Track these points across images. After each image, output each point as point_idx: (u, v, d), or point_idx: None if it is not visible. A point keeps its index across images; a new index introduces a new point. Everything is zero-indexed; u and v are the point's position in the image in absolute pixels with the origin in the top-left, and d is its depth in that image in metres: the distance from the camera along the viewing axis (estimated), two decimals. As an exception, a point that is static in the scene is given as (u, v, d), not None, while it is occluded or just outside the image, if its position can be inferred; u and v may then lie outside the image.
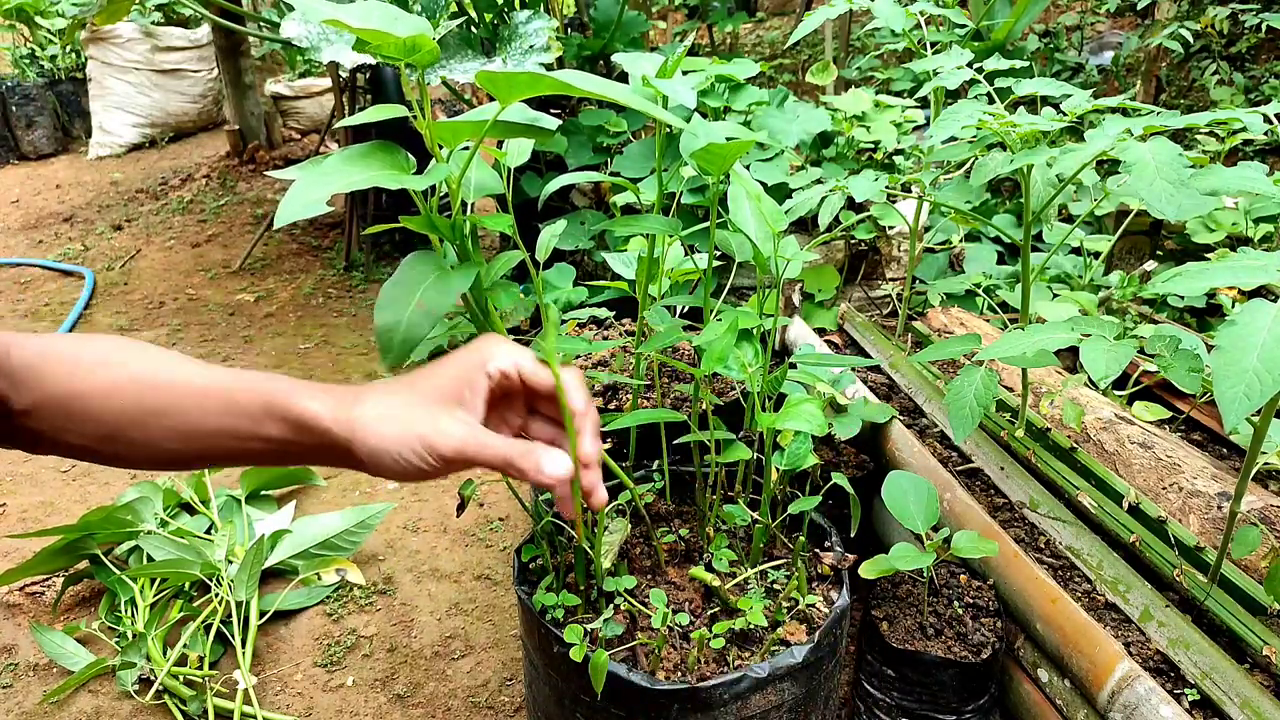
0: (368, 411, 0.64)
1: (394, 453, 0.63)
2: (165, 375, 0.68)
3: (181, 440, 0.68)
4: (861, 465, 1.54)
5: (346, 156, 0.69)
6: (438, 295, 0.72)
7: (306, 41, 2.41)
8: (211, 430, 0.67)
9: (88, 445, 0.68)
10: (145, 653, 1.52)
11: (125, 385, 0.67)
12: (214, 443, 0.67)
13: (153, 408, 0.67)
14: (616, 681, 0.93)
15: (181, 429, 0.67)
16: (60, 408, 0.67)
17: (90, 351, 0.69)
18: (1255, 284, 0.85)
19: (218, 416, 0.67)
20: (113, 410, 0.67)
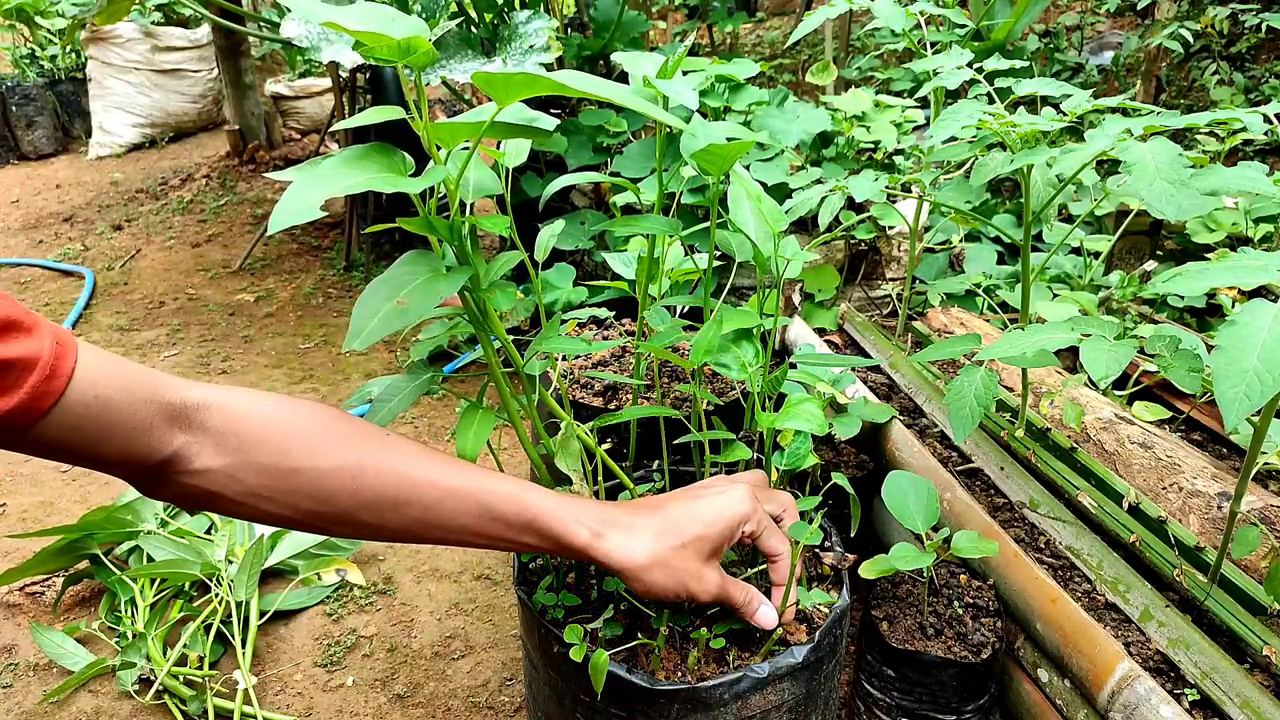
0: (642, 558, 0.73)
1: (659, 595, 0.75)
2: (407, 466, 0.70)
3: (421, 529, 0.71)
4: (861, 465, 1.54)
5: (343, 159, 0.69)
6: (422, 297, 0.72)
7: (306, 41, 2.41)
8: (459, 526, 0.71)
9: (291, 517, 0.69)
10: (145, 653, 1.53)
11: (357, 469, 0.68)
12: (457, 536, 0.71)
13: (392, 497, 0.69)
14: (616, 681, 0.93)
15: (425, 520, 0.70)
16: (268, 477, 0.67)
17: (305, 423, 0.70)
18: (1255, 284, 0.85)
19: (470, 518, 0.70)
20: (339, 491, 0.68)
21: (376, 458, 0.69)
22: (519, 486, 0.72)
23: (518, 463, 2.15)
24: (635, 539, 0.73)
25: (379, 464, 0.69)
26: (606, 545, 0.72)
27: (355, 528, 0.70)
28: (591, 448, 1.00)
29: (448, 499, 0.70)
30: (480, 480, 0.71)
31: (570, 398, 1.48)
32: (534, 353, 0.93)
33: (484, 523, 0.71)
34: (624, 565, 0.72)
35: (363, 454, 0.69)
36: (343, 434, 0.70)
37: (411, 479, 0.69)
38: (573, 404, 1.47)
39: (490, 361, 0.91)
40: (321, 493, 0.68)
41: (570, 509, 0.72)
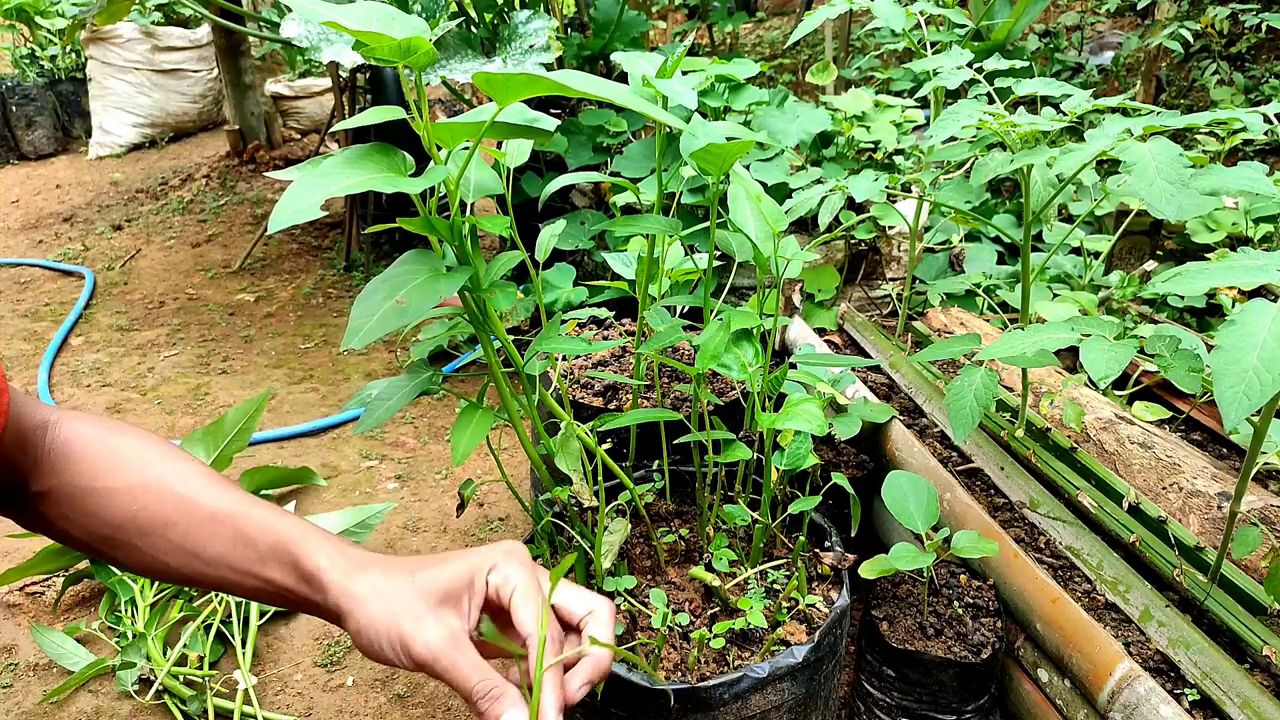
0: (364, 589, 0.62)
1: (373, 640, 0.61)
2: (183, 487, 0.67)
3: (182, 557, 0.66)
4: (861, 465, 1.54)
5: (343, 159, 0.69)
6: (421, 296, 0.72)
7: (306, 41, 2.41)
8: (214, 556, 0.66)
9: (85, 540, 0.67)
10: (145, 653, 1.53)
11: (142, 489, 0.66)
12: (212, 570, 0.66)
13: (162, 518, 0.66)
14: (616, 681, 0.93)
15: (185, 546, 0.66)
16: (73, 499, 0.66)
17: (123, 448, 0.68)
18: (1255, 284, 0.85)
19: (225, 543, 0.66)
20: (123, 513, 0.66)
21: (162, 479, 0.67)
22: (282, 519, 0.67)
23: (518, 462, 2.15)
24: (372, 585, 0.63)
25: (161, 485, 0.67)
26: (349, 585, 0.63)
27: (133, 554, 0.67)
28: (591, 448, 1.00)
29: (208, 523, 0.66)
30: (246, 507, 0.67)
31: (570, 398, 1.48)
32: (534, 353, 0.93)
33: (236, 550, 0.66)
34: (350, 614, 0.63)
35: (149, 476, 0.67)
36: (144, 460, 0.68)
37: (182, 499, 0.67)
38: (573, 404, 1.47)
39: (490, 361, 0.91)
40: (114, 515, 0.66)
41: (321, 540, 0.65)
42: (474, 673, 0.60)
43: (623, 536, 1.06)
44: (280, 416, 2.49)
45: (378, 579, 0.63)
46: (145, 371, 2.81)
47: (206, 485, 0.68)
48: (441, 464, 2.23)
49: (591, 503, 1.01)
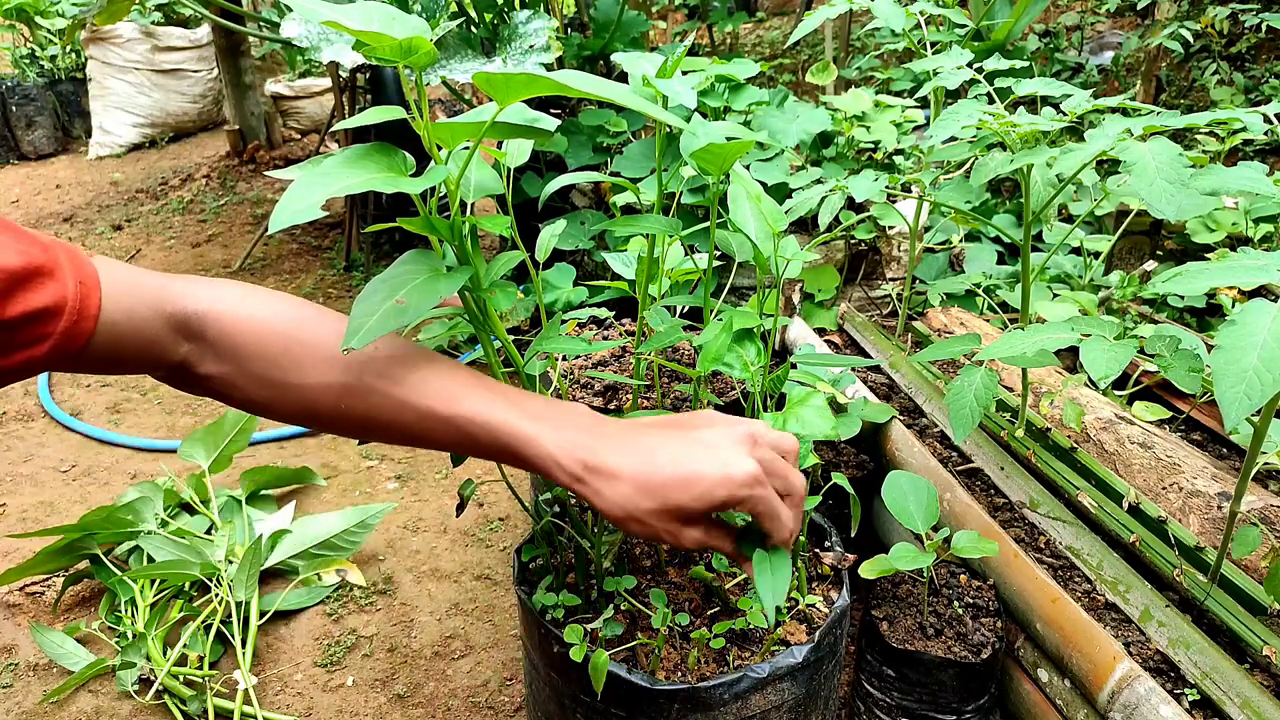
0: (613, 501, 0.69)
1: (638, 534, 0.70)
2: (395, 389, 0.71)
3: (403, 440, 0.73)
4: (861, 465, 1.54)
5: (344, 159, 0.69)
6: (421, 296, 0.72)
7: (306, 41, 2.41)
8: (440, 446, 0.73)
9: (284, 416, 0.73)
10: (145, 653, 1.53)
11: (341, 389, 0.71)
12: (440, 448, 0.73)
13: (378, 421, 0.72)
14: (617, 681, 0.93)
15: (407, 437, 0.72)
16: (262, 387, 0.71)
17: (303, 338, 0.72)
18: (1255, 284, 0.85)
19: (450, 443, 0.72)
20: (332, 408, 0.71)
21: (361, 379, 0.71)
22: (502, 411, 0.71)
23: (518, 463, 2.15)
24: (615, 489, 0.69)
25: (364, 385, 0.71)
26: (585, 490, 0.69)
27: (344, 431, 0.74)
28: (592, 448, 1.00)
29: (428, 422, 0.71)
30: (460, 404, 0.71)
31: (570, 398, 1.48)
32: (534, 352, 0.93)
33: (463, 445, 0.72)
34: (601, 510, 0.70)
35: (348, 375, 0.71)
36: (331, 351, 0.72)
37: (393, 402, 0.71)
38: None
39: (490, 361, 0.91)
40: (309, 405, 0.72)
41: (551, 444, 0.70)
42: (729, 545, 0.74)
43: (622, 536, 1.06)
44: (280, 416, 2.49)
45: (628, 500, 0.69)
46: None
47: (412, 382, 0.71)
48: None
49: (591, 503, 1.01)
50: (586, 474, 0.69)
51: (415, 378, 0.72)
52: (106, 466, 2.28)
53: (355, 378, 0.71)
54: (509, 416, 0.71)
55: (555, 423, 0.71)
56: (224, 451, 1.95)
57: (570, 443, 0.70)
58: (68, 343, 0.64)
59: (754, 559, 0.74)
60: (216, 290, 0.74)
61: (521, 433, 0.70)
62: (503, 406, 0.71)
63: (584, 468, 0.69)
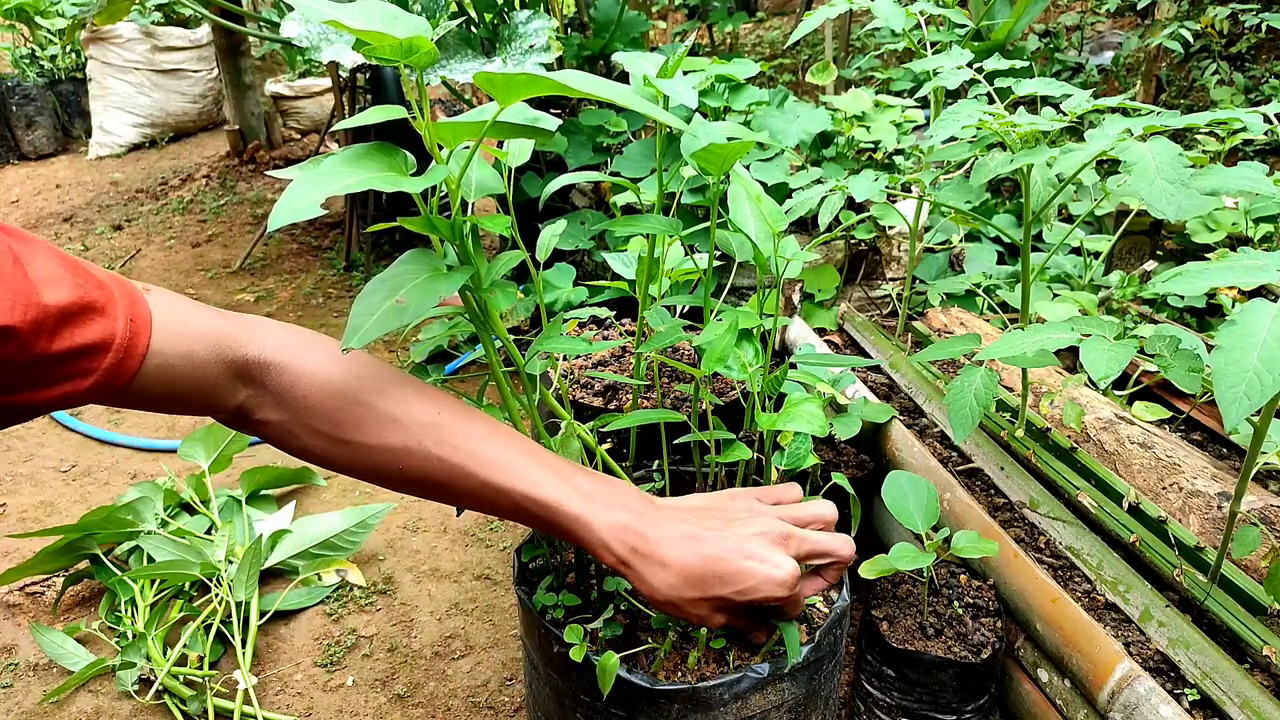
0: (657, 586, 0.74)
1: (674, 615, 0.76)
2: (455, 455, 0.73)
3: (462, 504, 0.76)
4: (861, 465, 1.54)
5: (344, 158, 0.69)
6: (421, 296, 0.72)
7: (306, 41, 2.41)
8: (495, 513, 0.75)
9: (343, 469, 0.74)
10: (145, 653, 1.53)
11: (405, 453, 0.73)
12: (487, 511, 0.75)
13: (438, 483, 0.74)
14: (617, 681, 0.93)
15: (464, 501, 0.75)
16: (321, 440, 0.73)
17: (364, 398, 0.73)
18: (1255, 284, 0.85)
19: (506, 512, 0.75)
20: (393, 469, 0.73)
21: (422, 444, 0.72)
22: (554, 489, 0.73)
23: (518, 463, 2.15)
24: (661, 577, 0.74)
25: (425, 449, 0.72)
26: (631, 574, 0.74)
27: (408, 490, 0.75)
28: (592, 447, 1.00)
29: (485, 491, 0.73)
30: (516, 479, 0.73)
31: (570, 397, 1.48)
32: (535, 352, 0.93)
33: (519, 516, 0.75)
34: (644, 592, 0.74)
35: (409, 438, 0.72)
36: (393, 414, 0.73)
37: (451, 468, 0.73)
38: (573, 404, 1.47)
39: (491, 361, 0.91)
40: (369, 465, 0.73)
41: (603, 529, 0.73)
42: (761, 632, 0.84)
43: (623, 536, 1.06)
44: (280, 416, 2.49)
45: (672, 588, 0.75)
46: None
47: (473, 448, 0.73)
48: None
49: (592, 502, 1.01)
50: (635, 559, 0.74)
51: (474, 447, 0.74)
52: (106, 466, 2.28)
53: (416, 442, 0.73)
54: (560, 495, 0.74)
55: (606, 503, 0.75)
56: (224, 451, 1.95)
57: (621, 527, 0.74)
58: (112, 379, 0.65)
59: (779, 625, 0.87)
60: (282, 338, 0.75)
61: (575, 514, 0.73)
62: (555, 483, 0.74)
63: (633, 552, 0.74)
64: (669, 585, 0.73)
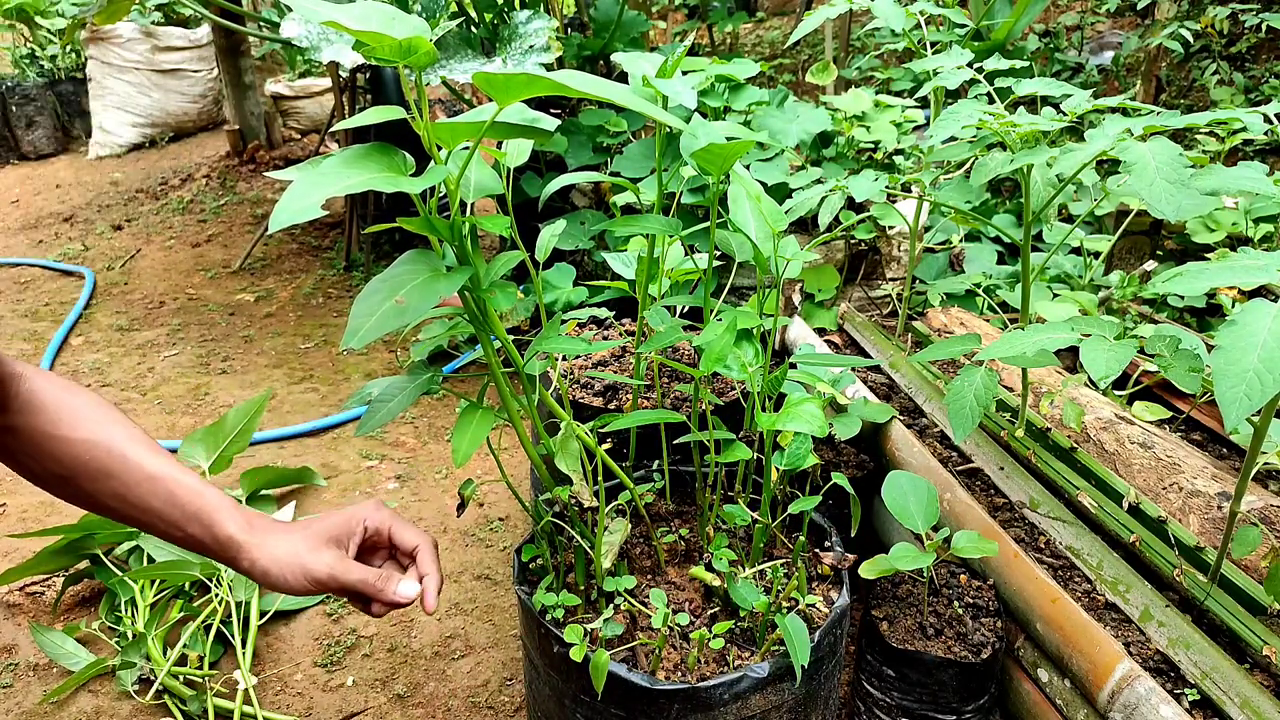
0: (270, 543, 0.82)
1: (281, 574, 0.81)
2: (127, 449, 0.83)
3: (120, 504, 0.83)
4: (861, 465, 1.54)
5: (344, 159, 0.69)
6: (420, 296, 0.73)
7: (306, 41, 2.41)
8: (147, 508, 0.82)
9: (41, 476, 0.83)
10: (145, 653, 1.52)
11: (93, 444, 0.82)
12: (144, 518, 0.83)
13: (107, 471, 0.82)
14: (616, 681, 0.93)
15: (124, 496, 0.82)
16: (36, 441, 0.81)
17: (81, 406, 0.84)
18: (1255, 284, 0.85)
19: (158, 501, 0.82)
20: (77, 460, 0.82)
21: (110, 439, 0.82)
22: (205, 487, 0.83)
23: (518, 462, 2.15)
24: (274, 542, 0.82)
25: (110, 443, 0.82)
26: (246, 539, 0.81)
27: (79, 495, 0.82)
28: (591, 448, 1.00)
29: (146, 481, 0.81)
30: (178, 474, 0.83)
31: (570, 397, 1.48)
32: (534, 353, 0.93)
33: (166, 507, 0.81)
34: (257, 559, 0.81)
35: (99, 433, 0.82)
36: (96, 419, 0.83)
37: (126, 458, 0.81)
38: (573, 404, 1.47)
39: (490, 361, 0.91)
40: (65, 459, 0.81)
41: (233, 511, 0.82)
42: (368, 573, 0.83)
43: (623, 536, 1.06)
44: (280, 416, 2.49)
45: (280, 536, 0.83)
46: (145, 371, 2.81)
47: (147, 450, 0.84)
48: (442, 464, 2.23)
49: (592, 503, 1.01)
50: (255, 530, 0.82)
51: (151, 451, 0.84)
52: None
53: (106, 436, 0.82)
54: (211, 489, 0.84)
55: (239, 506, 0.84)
56: (224, 452, 1.95)
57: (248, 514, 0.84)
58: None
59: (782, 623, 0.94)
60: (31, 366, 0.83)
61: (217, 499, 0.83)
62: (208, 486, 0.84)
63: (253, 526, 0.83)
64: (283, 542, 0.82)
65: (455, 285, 0.76)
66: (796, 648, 0.91)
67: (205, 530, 0.82)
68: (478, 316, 0.87)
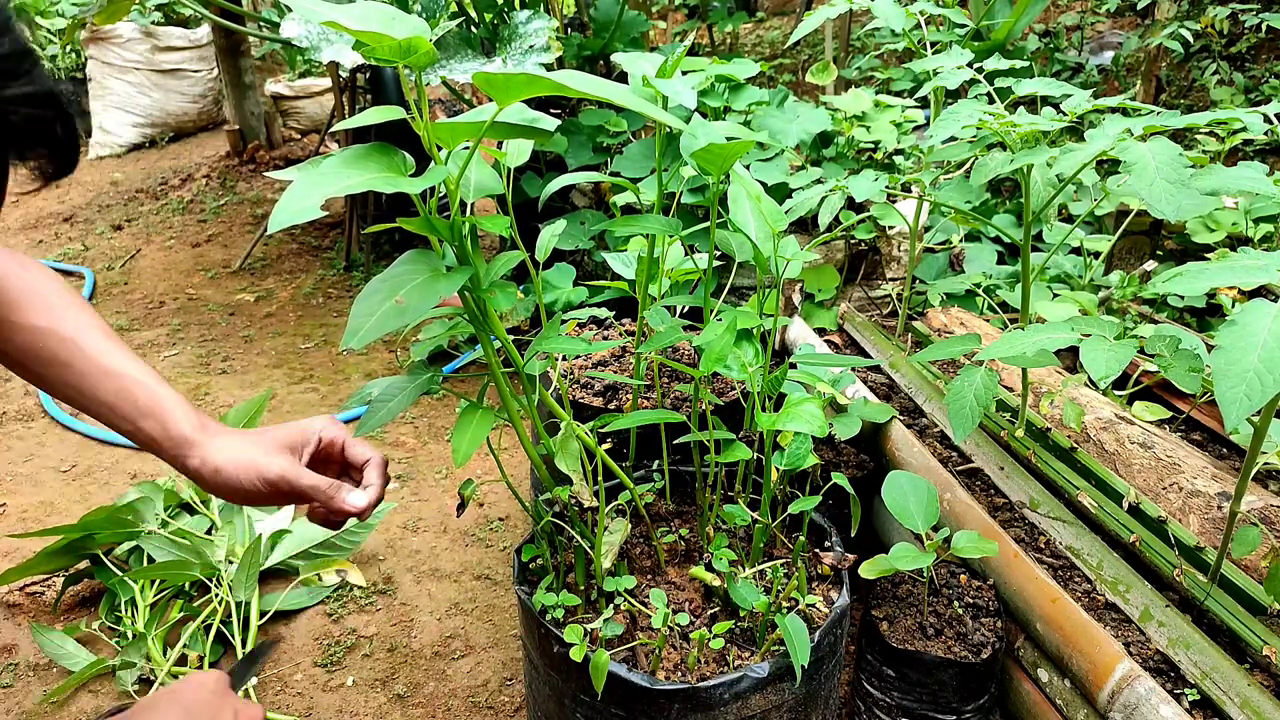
0: (223, 443, 0.83)
1: (232, 474, 0.82)
2: (83, 339, 0.83)
3: (74, 393, 0.83)
4: (861, 465, 1.54)
5: (344, 159, 0.69)
6: (420, 296, 0.73)
7: (306, 41, 2.41)
8: (101, 400, 0.83)
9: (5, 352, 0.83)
10: (145, 653, 1.53)
11: (48, 332, 0.82)
12: (96, 409, 0.83)
13: (62, 359, 0.82)
14: (616, 681, 0.93)
15: (79, 386, 0.82)
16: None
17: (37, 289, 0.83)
18: (1255, 284, 0.85)
19: (111, 394, 0.82)
20: (30, 346, 0.82)
21: (64, 327, 0.82)
22: (160, 385, 0.84)
23: (518, 462, 2.15)
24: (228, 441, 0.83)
25: (63, 332, 0.82)
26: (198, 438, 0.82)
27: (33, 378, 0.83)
28: (591, 448, 1.00)
29: (100, 374, 0.82)
30: (131, 368, 0.83)
31: (570, 397, 1.48)
32: (534, 353, 0.93)
33: (120, 401, 0.82)
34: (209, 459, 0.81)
35: (54, 321, 0.82)
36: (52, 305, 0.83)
37: (81, 349, 0.82)
38: (573, 404, 1.47)
39: (490, 361, 0.91)
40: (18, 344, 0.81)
41: (187, 411, 0.83)
42: (319, 480, 0.85)
43: (623, 536, 1.06)
44: (280, 416, 2.49)
45: (234, 438, 0.84)
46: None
47: (104, 341, 0.84)
48: (441, 464, 2.23)
49: (591, 503, 1.01)
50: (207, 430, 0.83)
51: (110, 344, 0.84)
52: (106, 466, 2.28)
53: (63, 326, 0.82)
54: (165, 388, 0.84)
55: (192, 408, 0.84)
56: (224, 451, 1.94)
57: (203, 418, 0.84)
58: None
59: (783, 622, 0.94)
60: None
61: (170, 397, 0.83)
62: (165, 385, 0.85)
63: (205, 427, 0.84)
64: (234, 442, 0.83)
65: (455, 285, 0.76)
66: (796, 648, 0.91)
67: (158, 426, 0.82)
68: (478, 316, 0.87)
